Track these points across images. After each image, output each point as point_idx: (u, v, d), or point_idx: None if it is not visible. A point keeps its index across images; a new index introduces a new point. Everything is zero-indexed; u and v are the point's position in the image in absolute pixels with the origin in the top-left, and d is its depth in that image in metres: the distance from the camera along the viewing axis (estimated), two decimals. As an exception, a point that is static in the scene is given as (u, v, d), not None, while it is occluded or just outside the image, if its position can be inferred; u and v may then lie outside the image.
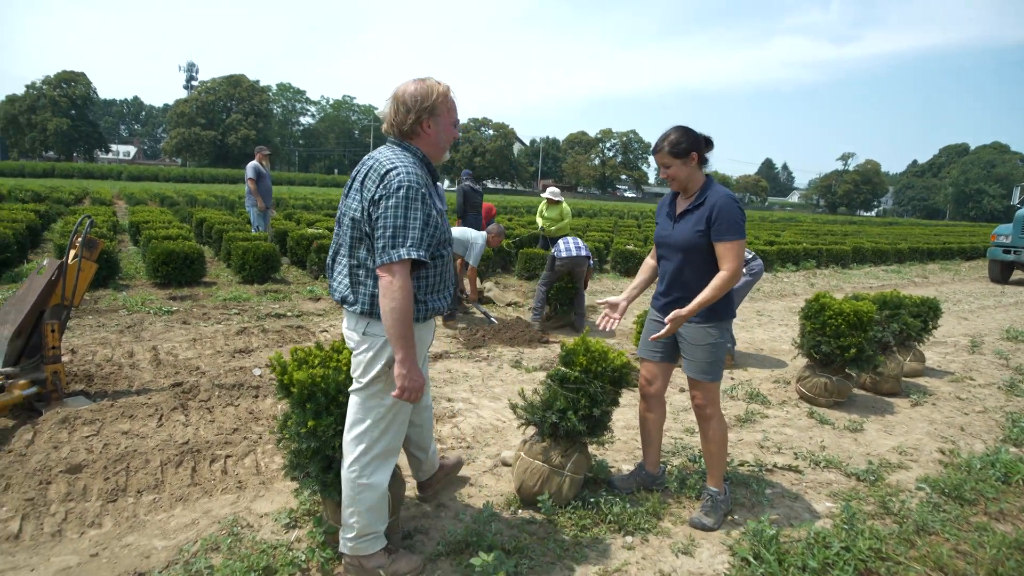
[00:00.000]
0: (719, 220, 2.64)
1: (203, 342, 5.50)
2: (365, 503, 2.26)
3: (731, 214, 2.64)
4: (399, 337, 2.04)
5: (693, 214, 2.72)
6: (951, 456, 3.76)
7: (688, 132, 2.72)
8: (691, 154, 2.69)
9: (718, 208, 2.65)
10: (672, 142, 2.69)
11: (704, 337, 2.77)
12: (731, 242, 2.63)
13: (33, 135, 67.87)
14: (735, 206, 2.66)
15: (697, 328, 2.78)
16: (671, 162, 2.70)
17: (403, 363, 2.06)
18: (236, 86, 75.55)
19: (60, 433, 3.48)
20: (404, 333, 2.04)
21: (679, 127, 2.73)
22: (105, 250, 7.17)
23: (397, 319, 2.02)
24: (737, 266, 2.63)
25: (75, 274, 3.96)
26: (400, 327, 2.03)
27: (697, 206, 2.72)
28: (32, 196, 17.16)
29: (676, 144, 2.69)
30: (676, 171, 2.71)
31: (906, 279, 13.67)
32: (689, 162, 2.70)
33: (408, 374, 2.07)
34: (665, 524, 2.84)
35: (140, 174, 54.35)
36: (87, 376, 4.46)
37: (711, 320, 2.77)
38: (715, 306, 2.74)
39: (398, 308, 2.02)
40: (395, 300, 2.02)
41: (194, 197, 21.45)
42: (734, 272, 2.62)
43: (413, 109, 2.16)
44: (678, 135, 2.70)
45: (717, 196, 2.68)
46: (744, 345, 6.55)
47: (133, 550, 2.48)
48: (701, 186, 2.76)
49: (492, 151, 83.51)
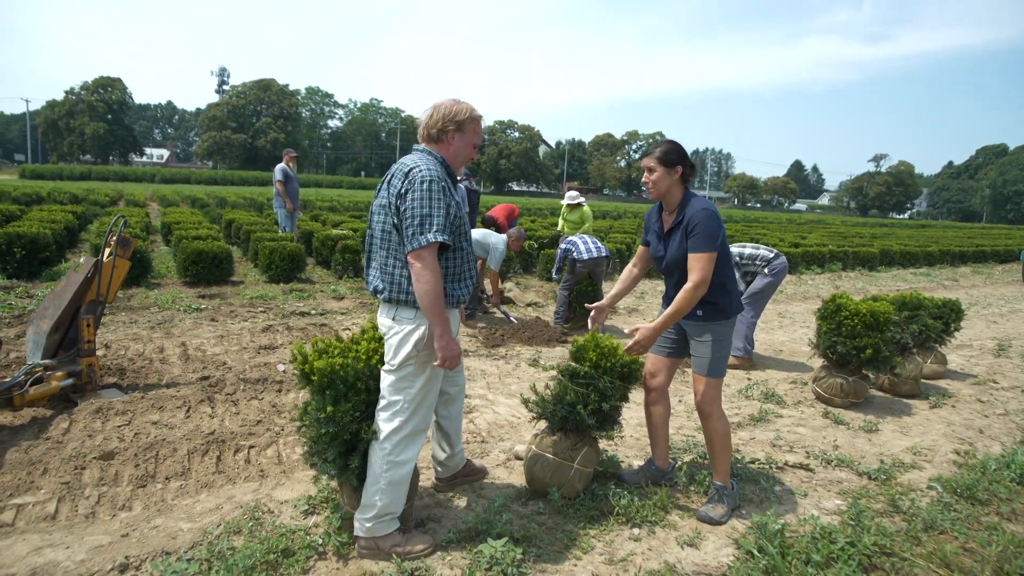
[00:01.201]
0: (693, 233, 2.75)
1: (230, 339, 5.69)
2: (391, 481, 2.41)
3: (705, 227, 2.72)
4: (435, 315, 2.29)
5: (677, 232, 2.83)
6: (966, 457, 3.73)
7: (680, 148, 2.85)
8: (677, 167, 2.81)
9: (694, 222, 2.75)
10: (663, 150, 2.82)
11: (708, 334, 2.85)
12: (700, 254, 2.72)
13: (71, 139, 70.12)
14: (709, 219, 2.74)
15: (703, 325, 2.86)
16: (657, 168, 2.81)
17: (442, 336, 2.32)
18: (266, 90, 77.04)
19: (94, 422, 3.66)
20: (439, 311, 2.29)
21: (673, 141, 2.87)
22: (138, 249, 7.44)
23: (432, 299, 2.27)
24: (703, 278, 2.70)
25: (110, 271, 4.16)
26: (435, 306, 2.28)
27: (678, 224, 2.83)
28: (70, 198, 17.78)
29: (667, 153, 2.80)
30: (658, 178, 2.81)
31: (935, 282, 13.39)
32: (673, 174, 2.81)
33: (447, 345, 2.34)
34: (672, 517, 2.89)
35: (173, 177, 55.81)
36: (120, 369, 4.66)
37: (715, 318, 2.84)
38: (719, 304, 2.82)
39: (431, 290, 2.26)
40: (427, 283, 2.26)
41: (224, 199, 21.99)
42: (698, 284, 2.70)
43: (444, 118, 2.44)
44: (670, 147, 2.83)
45: (693, 210, 2.78)
46: (763, 347, 6.53)
47: (160, 531, 2.63)
48: (680, 201, 2.86)
49: (518, 153, 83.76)
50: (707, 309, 2.83)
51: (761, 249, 5.52)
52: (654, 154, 2.82)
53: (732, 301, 2.86)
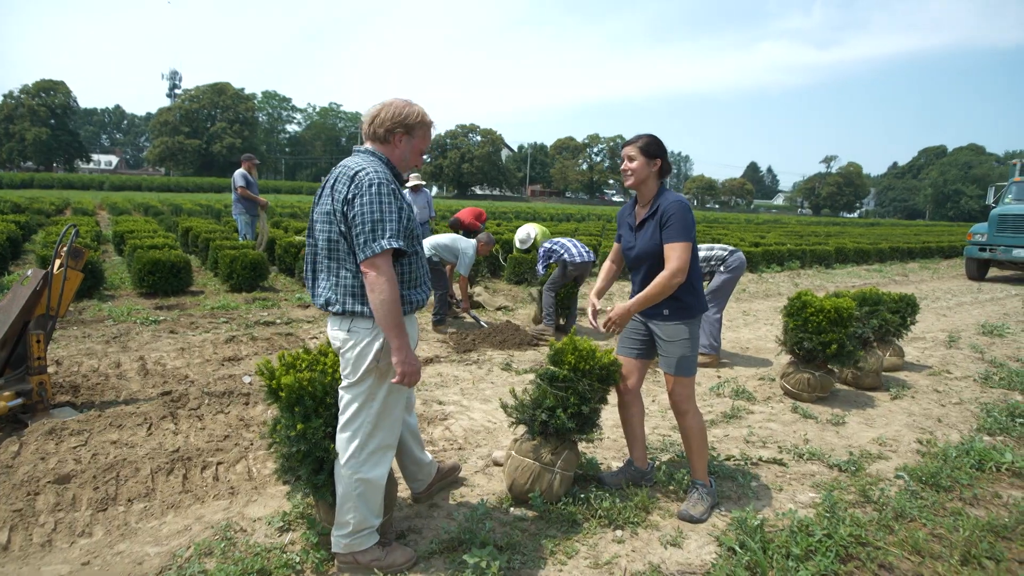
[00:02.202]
0: (668, 223, 2.79)
1: (191, 351, 5.49)
2: (362, 498, 2.31)
3: (679, 218, 2.77)
4: (392, 326, 2.14)
5: (650, 223, 2.87)
6: (928, 446, 3.86)
7: (661, 143, 2.91)
8: (656, 160, 2.87)
9: (668, 213, 2.79)
10: (646, 142, 2.87)
11: (677, 333, 2.87)
12: (676, 243, 2.76)
13: (11, 145, 66.93)
14: (684, 211, 2.80)
15: (669, 325, 2.88)
16: (638, 157, 2.85)
17: (400, 350, 2.17)
18: (221, 94, 75.11)
19: (47, 444, 3.47)
20: (396, 322, 2.14)
21: (654, 135, 2.91)
22: (90, 260, 7.12)
23: (388, 310, 2.12)
24: (680, 267, 2.74)
25: (60, 284, 3.95)
26: (392, 317, 2.13)
27: (651, 215, 2.86)
28: (11, 207, 16.93)
29: (648, 144, 2.87)
30: (638, 166, 2.85)
31: (887, 278, 13.91)
32: (652, 165, 2.86)
33: (406, 360, 2.18)
34: (654, 518, 2.90)
35: (123, 184, 53.79)
36: (73, 387, 4.44)
37: (682, 317, 2.87)
38: (684, 303, 2.85)
39: (388, 299, 2.12)
40: (384, 292, 2.11)
41: (179, 206, 21.28)
42: (676, 272, 2.74)
43: (391, 118, 2.30)
44: (652, 139, 2.89)
45: (667, 202, 2.83)
46: (730, 344, 6.65)
47: (125, 557, 2.49)
48: (655, 194, 2.90)
49: (480, 157, 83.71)
50: (673, 307, 2.86)
51: (715, 249, 5.63)
52: (636, 143, 2.86)
53: (698, 300, 2.90)
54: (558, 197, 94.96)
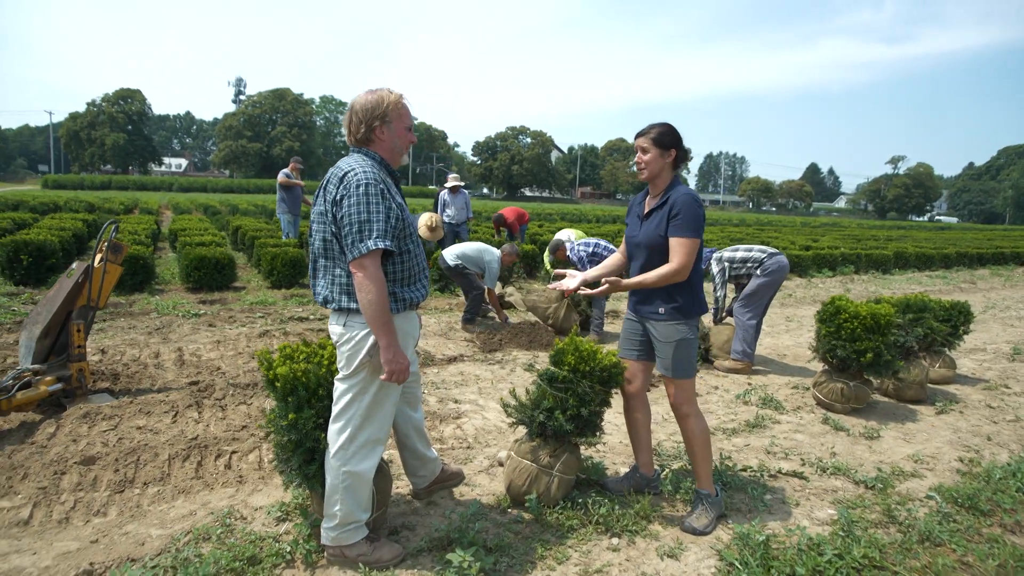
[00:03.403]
0: (676, 216, 2.67)
1: (226, 344, 5.69)
2: (349, 491, 2.34)
3: (689, 212, 2.66)
4: (380, 325, 2.18)
5: (657, 214, 2.76)
6: (971, 465, 3.59)
7: (675, 131, 2.78)
8: (671, 150, 2.75)
9: (677, 205, 2.68)
10: (659, 132, 2.74)
11: (672, 334, 2.76)
12: (683, 239, 2.65)
13: (92, 150, 71.51)
14: (694, 205, 2.68)
15: (665, 325, 2.78)
16: (651, 148, 2.74)
17: (387, 348, 2.20)
18: (281, 99, 78.01)
19: (80, 427, 3.66)
20: (384, 321, 2.18)
21: (668, 124, 2.78)
22: (141, 256, 7.50)
23: (376, 309, 2.16)
24: (684, 263, 2.64)
25: (100, 277, 4.16)
26: (380, 316, 2.17)
27: (660, 206, 2.75)
28: (85, 207, 18.08)
29: (662, 135, 2.74)
30: (651, 159, 2.74)
31: (952, 284, 13.08)
32: (666, 156, 2.75)
33: (393, 358, 2.21)
34: (654, 527, 2.80)
35: (190, 185, 56.67)
36: (114, 375, 4.67)
37: (677, 317, 2.75)
38: (681, 303, 2.74)
39: (375, 299, 2.15)
40: (370, 292, 2.15)
41: (236, 206, 22.22)
42: (680, 269, 2.64)
43: (364, 119, 2.30)
44: (666, 128, 2.76)
45: (678, 194, 2.71)
46: (768, 350, 6.39)
47: (130, 538, 2.59)
48: (667, 185, 2.78)
49: (530, 159, 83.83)
50: (669, 307, 2.75)
51: (754, 251, 5.40)
52: (649, 134, 2.74)
53: (695, 301, 2.78)
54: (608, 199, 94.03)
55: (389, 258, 2.30)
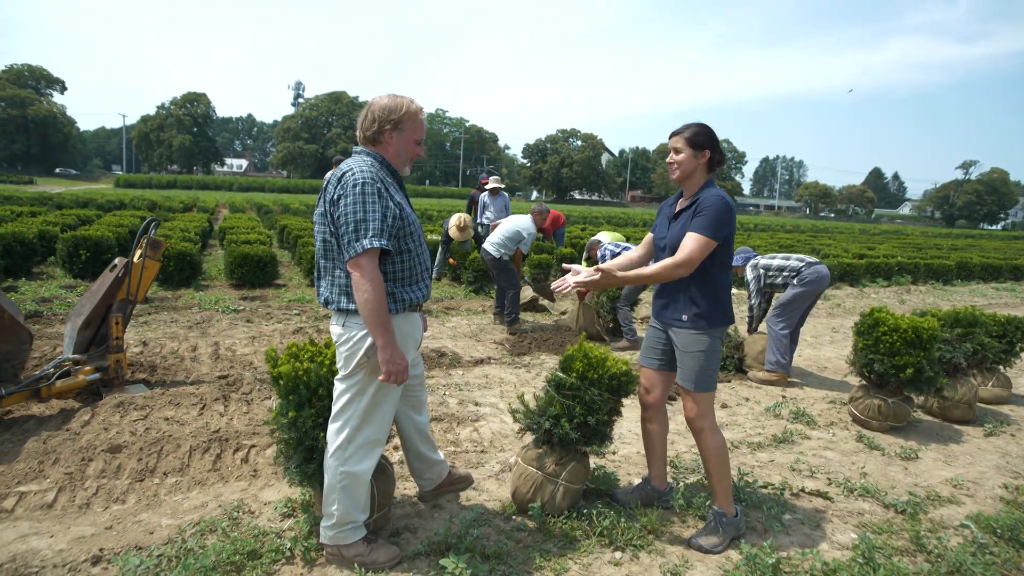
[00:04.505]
0: (699, 213, 2.59)
1: (261, 339, 5.86)
2: (346, 491, 2.35)
3: (713, 211, 2.56)
4: (377, 325, 2.18)
5: (685, 214, 2.67)
6: (1016, 493, 3.33)
7: (710, 131, 2.70)
8: (705, 151, 2.65)
9: (703, 203, 2.60)
10: (693, 132, 2.66)
11: (693, 344, 2.65)
12: (696, 234, 2.55)
13: (161, 150, 75.48)
14: (721, 207, 2.57)
15: (687, 333, 2.67)
16: (684, 148, 2.65)
17: (385, 349, 2.19)
18: (337, 102, 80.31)
19: (113, 416, 3.82)
20: (381, 321, 2.18)
21: (703, 124, 2.70)
22: (187, 252, 7.82)
23: (372, 309, 2.16)
24: (688, 258, 2.53)
25: (139, 272, 4.35)
26: (376, 316, 2.17)
27: (690, 206, 2.66)
28: (148, 205, 19.04)
29: (696, 135, 2.65)
30: (684, 159, 2.65)
31: (1020, 298, 12.25)
32: (700, 157, 2.65)
33: (391, 359, 2.20)
34: (661, 543, 2.70)
35: (249, 185, 59.03)
36: (151, 366, 4.87)
37: (700, 327, 2.64)
38: (704, 310, 2.63)
39: (371, 299, 2.15)
40: (367, 292, 2.15)
41: (287, 206, 22.96)
42: (682, 262, 2.54)
43: (378, 119, 2.31)
44: (700, 128, 2.67)
45: (708, 195, 2.62)
46: (807, 362, 6.13)
47: (142, 526, 2.68)
48: (700, 187, 2.69)
49: (580, 162, 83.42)
50: (691, 313, 2.65)
51: (792, 260, 5.18)
52: (683, 134, 2.66)
53: (720, 310, 2.66)
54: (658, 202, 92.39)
55: (388, 257, 2.29)
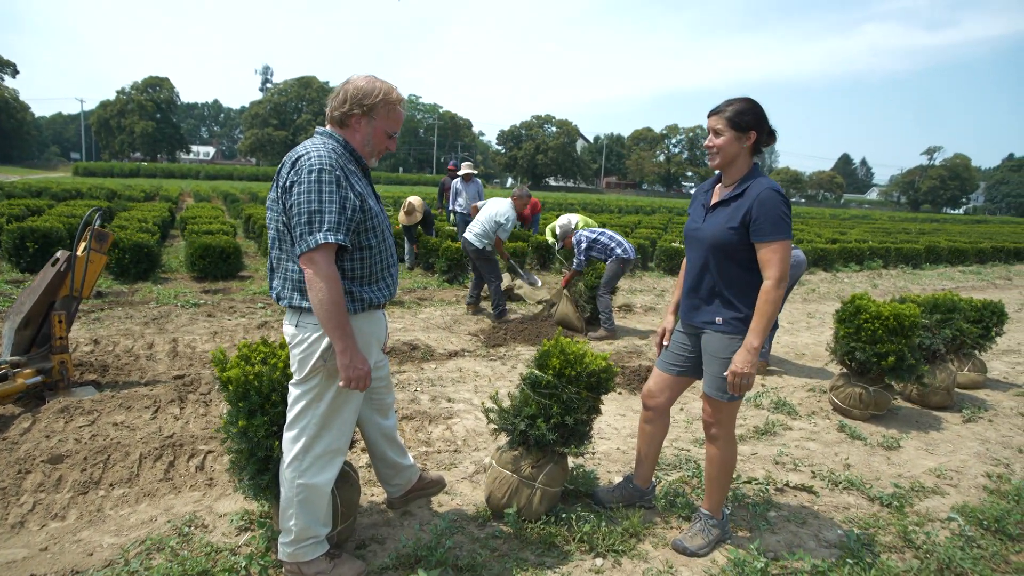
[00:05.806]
0: (760, 217, 2.24)
1: (223, 335, 5.57)
2: (304, 505, 2.15)
3: (775, 210, 2.24)
4: (334, 327, 1.97)
5: (729, 206, 2.35)
6: (999, 482, 3.28)
7: (758, 108, 2.31)
8: (751, 132, 2.30)
9: (759, 203, 2.25)
10: (737, 110, 2.29)
11: (725, 349, 2.37)
12: (775, 243, 2.23)
13: (122, 137, 72.81)
14: (779, 200, 2.26)
15: (721, 338, 2.39)
16: (725, 131, 2.30)
17: (344, 353, 1.99)
18: (307, 87, 78.34)
19: (56, 423, 3.54)
20: (338, 323, 1.97)
21: (750, 99, 2.32)
22: (145, 244, 7.44)
23: (328, 309, 1.95)
24: (783, 271, 2.23)
25: (83, 266, 4.04)
26: (333, 318, 1.96)
27: (735, 196, 2.34)
28: (107, 194, 18.26)
29: (740, 113, 2.29)
30: (726, 142, 2.31)
31: (986, 280, 12.49)
32: (744, 140, 2.31)
33: (351, 363, 2.00)
34: (644, 547, 2.57)
35: (216, 173, 57.40)
36: (103, 366, 4.57)
37: (740, 330, 2.35)
38: (745, 315, 2.33)
39: (326, 299, 1.94)
40: (321, 291, 1.94)
41: (256, 194, 22.31)
42: (780, 279, 2.22)
43: (350, 100, 2.09)
44: (746, 106, 2.30)
45: (760, 188, 2.27)
46: (784, 350, 6.08)
47: (81, 546, 2.45)
48: (745, 174, 2.36)
49: (555, 148, 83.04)
50: (728, 316, 2.37)
51: None
52: (724, 113, 2.30)
53: None
54: (633, 189, 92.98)
55: (346, 254, 2.07)
